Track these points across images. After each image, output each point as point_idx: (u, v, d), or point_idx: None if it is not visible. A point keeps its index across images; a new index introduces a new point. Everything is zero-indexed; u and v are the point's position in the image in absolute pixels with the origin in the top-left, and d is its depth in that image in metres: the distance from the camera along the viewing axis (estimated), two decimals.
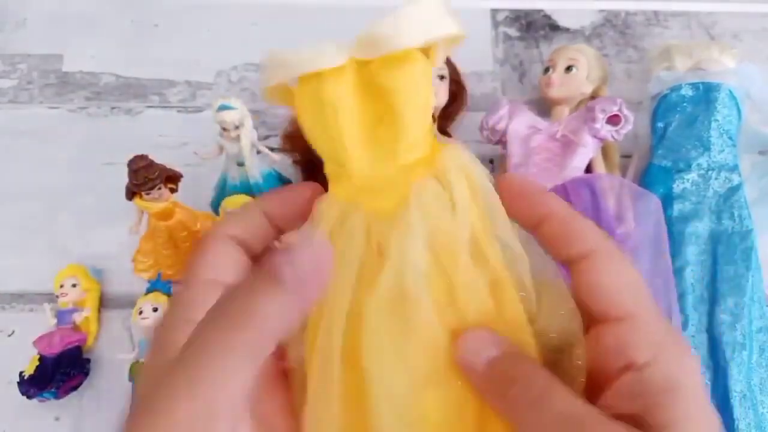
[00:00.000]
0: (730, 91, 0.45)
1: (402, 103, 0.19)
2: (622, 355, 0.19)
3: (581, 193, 0.42)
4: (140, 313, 0.42)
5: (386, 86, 0.19)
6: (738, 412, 0.38)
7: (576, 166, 0.44)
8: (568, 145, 0.44)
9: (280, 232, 0.22)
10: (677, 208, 0.44)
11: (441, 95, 0.47)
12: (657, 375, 0.18)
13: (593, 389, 0.19)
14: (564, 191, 0.43)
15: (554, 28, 0.58)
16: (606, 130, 0.44)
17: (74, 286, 0.44)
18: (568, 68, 0.47)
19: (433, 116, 0.37)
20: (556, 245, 0.21)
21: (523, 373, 0.19)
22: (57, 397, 0.41)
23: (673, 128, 0.46)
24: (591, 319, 0.21)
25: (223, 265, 0.21)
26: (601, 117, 0.43)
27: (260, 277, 0.17)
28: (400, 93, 0.19)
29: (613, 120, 0.44)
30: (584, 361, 0.20)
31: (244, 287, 0.18)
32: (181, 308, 0.20)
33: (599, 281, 0.21)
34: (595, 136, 0.44)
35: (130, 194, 0.42)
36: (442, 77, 0.47)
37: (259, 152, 0.45)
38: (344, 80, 0.19)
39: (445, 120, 0.49)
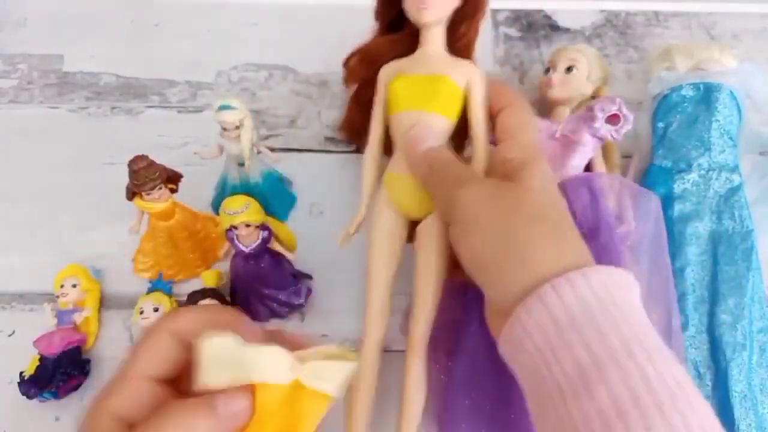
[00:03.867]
0: (731, 92, 0.45)
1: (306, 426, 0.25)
2: (501, 156, 0.35)
3: (580, 192, 0.42)
4: (141, 312, 0.42)
5: (302, 412, 0.25)
6: (738, 412, 0.38)
7: (575, 165, 0.44)
8: (567, 145, 0.44)
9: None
10: (678, 208, 0.44)
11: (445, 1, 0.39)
12: (516, 161, 0.34)
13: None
14: (563, 190, 0.43)
15: (555, 28, 0.58)
16: (605, 130, 0.44)
17: (74, 286, 0.44)
18: (569, 69, 0.47)
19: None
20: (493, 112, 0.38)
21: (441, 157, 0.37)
22: (57, 397, 0.42)
23: (673, 128, 0.46)
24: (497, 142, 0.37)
25: (164, 363, 0.26)
26: (600, 116, 0.43)
27: (200, 402, 0.24)
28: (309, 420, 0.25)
29: (613, 119, 0.43)
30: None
31: (186, 406, 0.24)
32: (113, 401, 0.25)
33: (501, 121, 0.37)
34: (594, 136, 0.44)
35: (131, 194, 0.42)
36: None
37: (259, 152, 0.45)
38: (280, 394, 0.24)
39: (456, 29, 0.41)
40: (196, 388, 0.24)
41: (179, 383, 0.27)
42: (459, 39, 0.41)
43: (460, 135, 0.40)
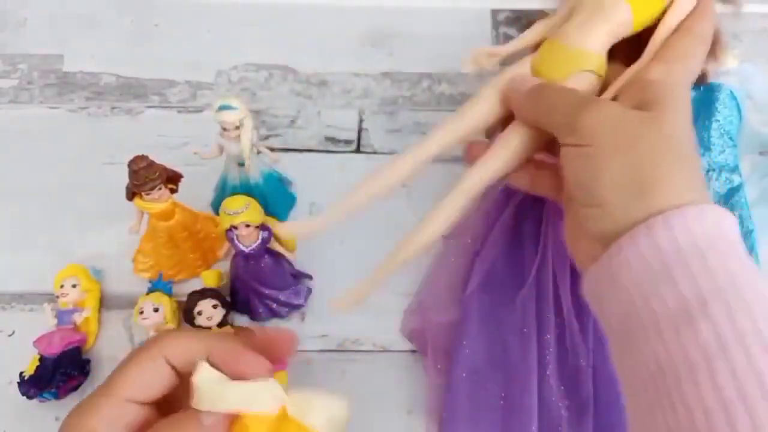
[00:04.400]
0: (731, 92, 0.45)
1: None
2: (643, 75, 0.32)
3: None
4: (141, 312, 0.42)
5: None
6: None
7: None
8: None
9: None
10: None
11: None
12: (659, 87, 0.31)
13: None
14: None
15: None
16: None
17: (74, 286, 0.44)
18: None
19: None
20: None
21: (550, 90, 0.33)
22: (57, 397, 0.42)
23: None
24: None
25: (152, 387, 0.25)
26: None
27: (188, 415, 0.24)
28: None
29: None
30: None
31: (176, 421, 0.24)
32: (97, 421, 0.24)
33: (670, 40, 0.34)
34: None
35: (131, 194, 0.42)
36: None
37: (259, 152, 0.45)
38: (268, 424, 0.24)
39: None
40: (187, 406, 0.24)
41: (162, 403, 0.26)
42: None
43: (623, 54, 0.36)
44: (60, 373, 0.41)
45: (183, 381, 0.26)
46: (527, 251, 0.42)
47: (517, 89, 0.35)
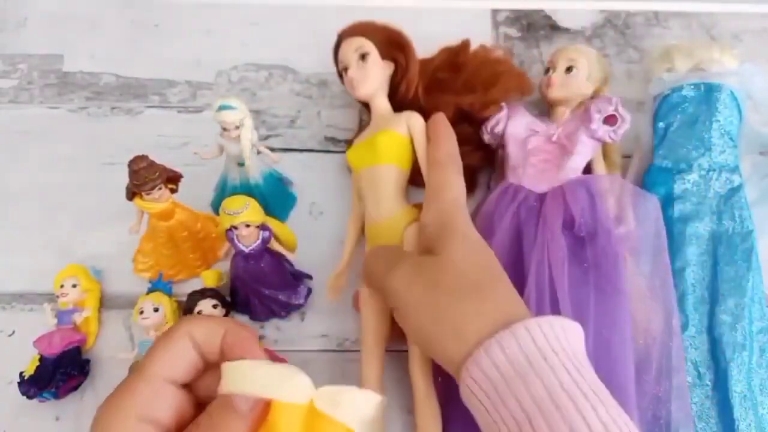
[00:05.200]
0: (731, 92, 0.45)
1: None
2: (421, 221, 0.38)
3: (579, 195, 0.42)
4: (141, 312, 0.42)
5: None
6: (738, 412, 0.38)
7: (573, 167, 0.44)
8: (564, 147, 0.44)
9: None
10: (678, 208, 0.44)
11: (372, 77, 0.44)
12: (433, 229, 0.36)
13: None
14: (561, 192, 0.43)
15: (555, 28, 0.58)
16: (603, 131, 0.44)
17: (74, 286, 0.44)
18: (569, 69, 0.47)
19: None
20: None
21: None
22: (57, 397, 0.42)
23: (674, 129, 0.46)
24: None
25: (182, 366, 0.27)
26: (597, 117, 0.43)
27: (225, 405, 0.26)
28: None
29: (610, 120, 0.43)
30: None
31: (215, 412, 0.26)
32: (137, 401, 0.25)
33: (427, 180, 0.40)
34: (592, 137, 0.44)
35: (131, 194, 0.42)
36: (363, 56, 0.44)
37: (259, 152, 0.45)
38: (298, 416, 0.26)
39: (398, 91, 0.45)
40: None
41: (193, 388, 0.28)
42: (404, 97, 0.45)
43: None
44: (60, 373, 0.41)
45: (208, 372, 0.28)
46: (525, 253, 0.42)
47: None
